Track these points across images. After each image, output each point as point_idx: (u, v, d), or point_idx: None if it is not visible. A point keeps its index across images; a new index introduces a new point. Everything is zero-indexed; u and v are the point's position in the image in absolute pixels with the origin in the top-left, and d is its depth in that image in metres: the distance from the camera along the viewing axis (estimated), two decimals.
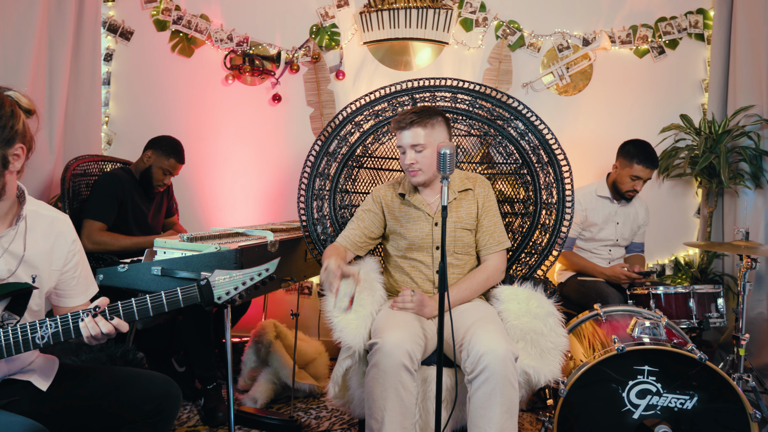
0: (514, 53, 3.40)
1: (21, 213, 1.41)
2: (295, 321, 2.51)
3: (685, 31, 3.37)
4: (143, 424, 1.47)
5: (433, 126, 2.03)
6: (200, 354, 2.51)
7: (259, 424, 2.46)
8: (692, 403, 1.90)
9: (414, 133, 2.02)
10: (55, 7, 2.98)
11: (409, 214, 2.14)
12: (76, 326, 1.35)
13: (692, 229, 3.47)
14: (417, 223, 2.12)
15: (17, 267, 1.39)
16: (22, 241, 1.41)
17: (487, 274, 2.12)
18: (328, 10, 3.40)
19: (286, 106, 3.46)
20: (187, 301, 1.41)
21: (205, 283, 1.43)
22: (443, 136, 2.07)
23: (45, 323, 1.33)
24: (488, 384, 1.70)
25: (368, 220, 2.18)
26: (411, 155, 2.04)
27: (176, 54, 3.43)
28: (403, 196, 2.16)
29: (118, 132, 3.47)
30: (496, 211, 2.18)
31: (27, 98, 1.42)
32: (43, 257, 1.45)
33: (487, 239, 2.14)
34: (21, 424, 1.19)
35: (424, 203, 2.13)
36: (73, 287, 1.57)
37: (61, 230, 1.51)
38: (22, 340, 1.30)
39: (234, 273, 1.46)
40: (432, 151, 2.03)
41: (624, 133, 3.30)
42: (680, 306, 2.66)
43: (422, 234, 2.11)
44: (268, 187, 3.51)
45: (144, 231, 2.79)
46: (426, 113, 2.04)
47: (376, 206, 2.19)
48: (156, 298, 1.39)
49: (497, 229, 2.15)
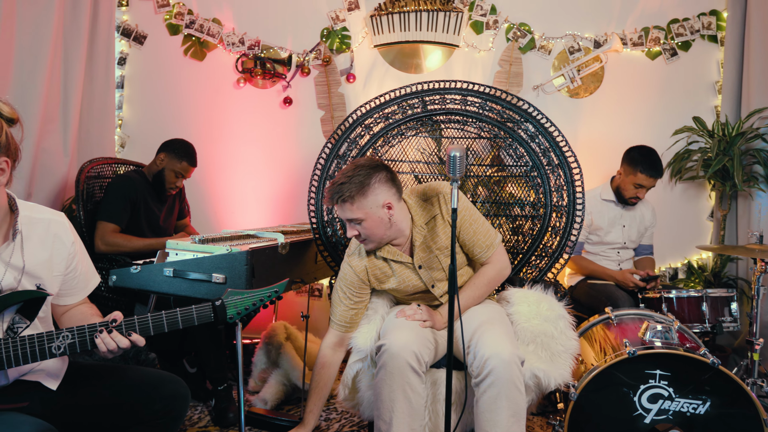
0: (524, 56, 3.39)
1: (16, 226, 1.39)
2: (306, 323, 2.52)
3: (698, 32, 3.35)
4: (152, 423, 1.48)
5: (364, 196, 1.83)
6: (211, 355, 2.53)
7: (269, 425, 2.47)
8: (705, 408, 1.88)
9: (346, 209, 1.85)
10: (71, 12, 3.03)
11: (387, 269, 2.00)
12: (92, 339, 1.35)
13: (705, 232, 3.43)
14: (401, 274, 1.99)
15: (20, 278, 1.39)
16: (20, 252, 1.39)
17: (488, 278, 2.01)
18: (338, 13, 3.42)
19: (296, 109, 3.48)
20: (201, 319, 1.44)
21: (220, 304, 1.46)
22: (382, 199, 1.85)
23: (62, 334, 1.34)
24: (494, 388, 1.69)
25: (355, 294, 2.01)
26: (352, 229, 1.89)
27: (189, 58, 3.46)
28: (374, 252, 1.99)
29: (131, 135, 3.51)
30: (471, 218, 1.96)
31: (9, 106, 1.34)
32: (43, 266, 1.44)
33: (477, 250, 1.99)
34: (30, 424, 1.20)
35: (398, 253, 1.97)
36: (74, 286, 1.56)
37: (57, 233, 1.48)
38: (38, 350, 1.32)
39: (246, 294, 1.49)
40: (373, 222, 1.85)
41: (635, 135, 3.28)
42: (693, 310, 2.63)
43: (411, 282, 2.00)
44: (278, 190, 3.53)
45: (156, 233, 2.82)
46: (355, 184, 1.82)
47: (356, 277, 2.00)
48: (171, 315, 1.42)
49: (479, 235, 1.97)
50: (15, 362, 1.30)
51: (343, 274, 2.03)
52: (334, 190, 1.85)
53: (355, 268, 2.00)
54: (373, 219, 1.86)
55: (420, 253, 1.97)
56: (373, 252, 1.99)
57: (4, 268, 1.37)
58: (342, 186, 1.84)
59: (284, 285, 1.54)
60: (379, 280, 2.02)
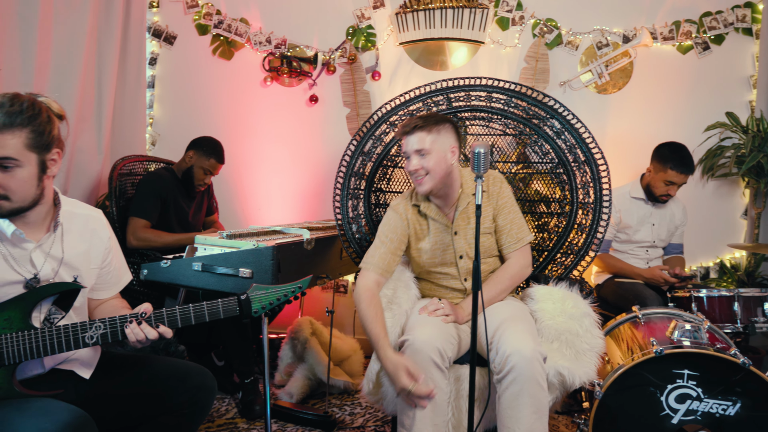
0: (551, 51, 3.35)
1: (58, 218, 1.47)
2: (330, 318, 2.55)
3: (732, 25, 3.26)
4: (179, 413, 1.52)
5: (439, 132, 1.95)
6: (238, 349, 2.58)
7: (294, 418, 2.51)
8: (735, 410, 1.84)
9: (419, 137, 1.94)
10: (104, 15, 3.11)
11: (425, 228, 2.07)
12: (123, 330, 1.41)
13: (739, 230, 3.35)
14: (436, 235, 2.05)
15: (59, 269, 1.46)
16: (60, 244, 1.47)
17: (510, 274, 2.05)
18: (364, 11, 3.43)
19: (322, 107, 3.52)
20: (226, 313, 1.49)
21: (245, 299, 1.50)
22: (450, 143, 1.97)
23: (95, 324, 1.40)
24: (516, 384, 1.69)
25: (396, 240, 2.05)
26: (415, 161, 1.95)
27: (217, 57, 3.53)
28: (418, 207, 2.08)
29: (161, 133, 3.59)
30: (512, 207, 2.08)
31: (56, 103, 1.45)
32: (81, 258, 1.51)
33: (506, 238, 2.06)
34: (67, 410, 1.26)
35: (440, 214, 2.05)
36: (107, 281, 1.64)
37: (95, 228, 1.57)
38: (72, 339, 1.37)
39: (270, 288, 1.53)
40: (438, 159, 1.94)
41: (665, 131, 3.22)
42: (724, 309, 2.57)
43: (442, 247, 2.06)
44: (304, 187, 3.57)
45: (185, 228, 2.89)
46: (432, 119, 1.97)
47: (401, 222, 2.07)
48: (198, 309, 1.47)
49: (514, 225, 2.06)
50: (51, 350, 1.36)
51: (387, 220, 2.09)
52: (411, 121, 1.98)
53: (401, 214, 2.08)
54: (438, 155, 1.94)
55: (459, 221, 2.04)
56: (417, 207, 2.07)
57: (43, 258, 1.44)
58: (420, 118, 1.97)
59: (308, 281, 1.57)
60: (417, 236, 2.08)
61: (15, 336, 1.33)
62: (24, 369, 1.41)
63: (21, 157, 1.32)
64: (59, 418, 1.22)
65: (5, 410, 1.26)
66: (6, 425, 1.21)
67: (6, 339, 1.33)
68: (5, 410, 1.26)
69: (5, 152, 1.30)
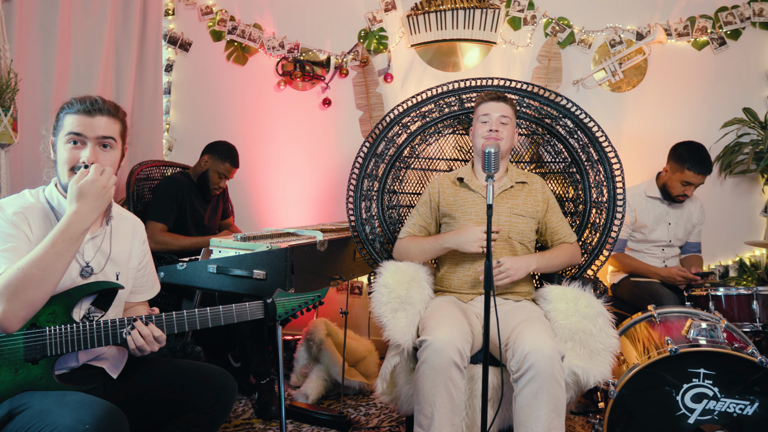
0: (563, 50, 3.34)
1: (110, 213, 1.57)
2: (345, 319, 2.57)
3: (749, 20, 3.21)
4: (203, 412, 1.57)
5: (515, 112, 2.21)
6: (254, 351, 2.61)
7: (310, 418, 2.53)
8: (753, 409, 1.82)
9: (505, 107, 2.17)
10: (121, 23, 3.18)
11: (463, 198, 2.20)
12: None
13: (758, 228, 3.29)
14: (472, 206, 2.18)
15: (105, 264, 1.55)
16: (109, 240, 1.57)
17: (571, 252, 2.20)
18: (375, 14, 3.45)
19: (335, 110, 3.54)
20: (253, 315, 1.59)
21: (271, 302, 1.61)
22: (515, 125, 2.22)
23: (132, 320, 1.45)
24: (534, 382, 1.69)
25: (426, 214, 2.27)
26: (497, 124, 2.13)
27: (231, 62, 3.58)
28: (462, 180, 2.23)
29: (178, 138, 3.65)
30: (557, 205, 2.26)
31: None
32: (124, 257, 1.61)
33: (562, 231, 2.22)
34: (101, 404, 1.31)
35: (480, 186, 2.20)
36: (143, 284, 1.71)
37: (137, 231, 1.68)
38: (111, 334, 1.44)
39: (292, 296, 1.65)
40: (511, 132, 2.17)
41: (681, 129, 3.18)
42: (742, 308, 2.53)
43: (476, 218, 2.15)
44: (318, 189, 3.59)
45: (201, 232, 2.93)
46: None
47: (431, 200, 2.27)
48: (227, 310, 1.56)
49: (565, 222, 2.25)
50: (90, 344, 1.42)
51: (423, 195, 2.31)
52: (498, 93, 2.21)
53: (431, 188, 2.28)
54: (513, 126, 2.19)
55: (497, 198, 2.17)
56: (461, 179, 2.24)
57: (94, 251, 1.53)
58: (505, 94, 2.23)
59: (326, 291, 1.72)
60: (448, 204, 2.22)
61: (57, 329, 1.39)
62: (60, 362, 1.46)
63: (117, 140, 1.51)
64: (96, 412, 1.27)
65: (47, 401, 1.32)
66: (47, 415, 1.27)
67: (51, 332, 1.38)
68: (47, 401, 1.32)
69: (110, 132, 1.49)
